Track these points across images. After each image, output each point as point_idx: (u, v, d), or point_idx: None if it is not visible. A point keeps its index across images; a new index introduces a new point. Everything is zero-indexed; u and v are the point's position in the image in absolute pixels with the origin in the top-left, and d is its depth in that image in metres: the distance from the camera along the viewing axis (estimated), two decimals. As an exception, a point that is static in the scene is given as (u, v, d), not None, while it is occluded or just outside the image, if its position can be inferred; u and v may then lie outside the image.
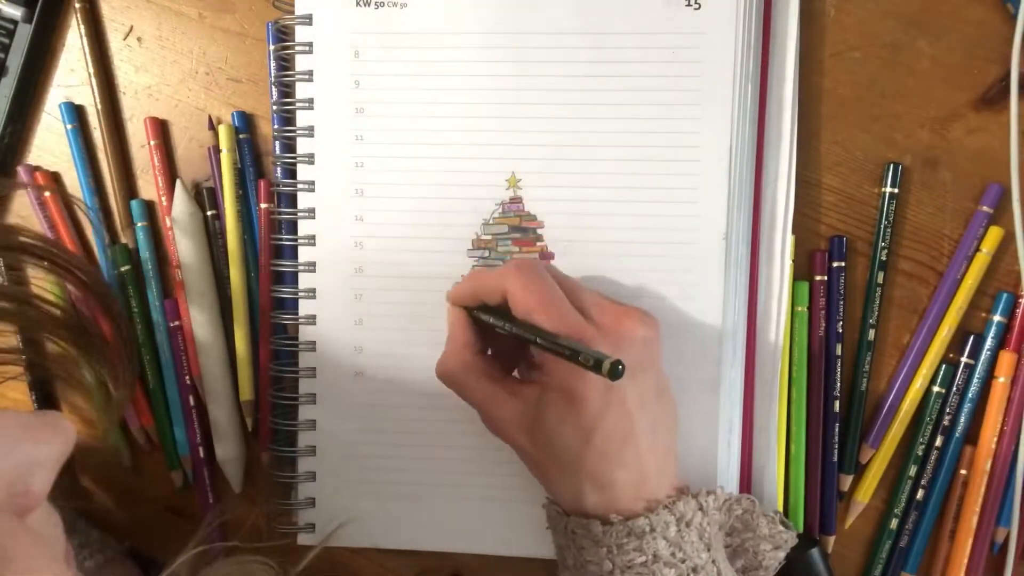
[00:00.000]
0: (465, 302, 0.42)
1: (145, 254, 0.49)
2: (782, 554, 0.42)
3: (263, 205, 0.48)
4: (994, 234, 0.45)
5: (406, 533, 0.48)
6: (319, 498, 0.48)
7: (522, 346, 0.43)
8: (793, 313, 0.46)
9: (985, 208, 0.45)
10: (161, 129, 0.49)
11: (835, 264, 0.46)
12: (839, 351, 0.46)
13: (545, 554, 0.47)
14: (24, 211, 0.50)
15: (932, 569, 0.47)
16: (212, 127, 0.48)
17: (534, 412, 0.39)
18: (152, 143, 0.49)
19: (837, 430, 0.46)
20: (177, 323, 0.49)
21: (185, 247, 0.48)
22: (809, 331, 0.46)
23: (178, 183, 0.48)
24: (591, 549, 0.38)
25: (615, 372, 0.33)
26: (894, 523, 0.46)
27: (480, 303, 0.41)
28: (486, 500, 0.47)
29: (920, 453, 0.46)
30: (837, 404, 0.46)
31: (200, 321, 0.48)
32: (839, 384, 0.46)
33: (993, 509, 0.46)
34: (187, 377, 0.49)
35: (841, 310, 0.46)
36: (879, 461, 0.46)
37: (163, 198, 0.49)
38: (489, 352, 0.43)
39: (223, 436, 0.48)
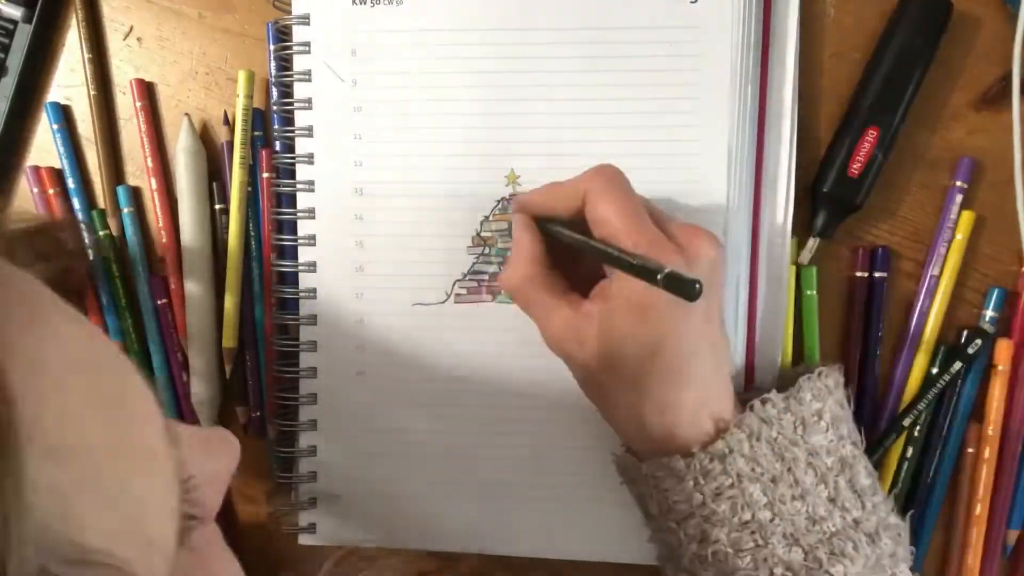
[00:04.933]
0: (536, 211, 0.41)
1: (132, 239, 0.49)
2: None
3: (265, 175, 0.48)
4: (966, 219, 0.45)
5: (406, 533, 0.48)
6: (320, 498, 0.48)
7: (587, 262, 0.42)
8: (803, 299, 0.46)
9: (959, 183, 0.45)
10: (147, 91, 0.49)
11: (876, 275, 0.46)
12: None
13: (546, 554, 0.47)
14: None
15: (944, 572, 0.47)
16: (227, 122, 0.48)
17: (598, 327, 0.38)
18: (138, 104, 0.49)
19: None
20: (164, 301, 0.49)
21: (185, 183, 0.47)
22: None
23: (184, 119, 0.48)
24: (675, 488, 0.38)
25: (693, 292, 0.32)
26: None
27: (550, 213, 0.41)
28: (488, 500, 0.47)
29: (919, 439, 0.46)
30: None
31: (191, 262, 0.48)
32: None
33: (1003, 509, 0.46)
34: (178, 354, 0.49)
35: (882, 324, 0.46)
36: (893, 455, 0.46)
37: (148, 159, 0.49)
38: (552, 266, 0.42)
39: (200, 377, 0.48)
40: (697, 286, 0.32)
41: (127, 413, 0.21)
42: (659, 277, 0.33)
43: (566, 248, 0.40)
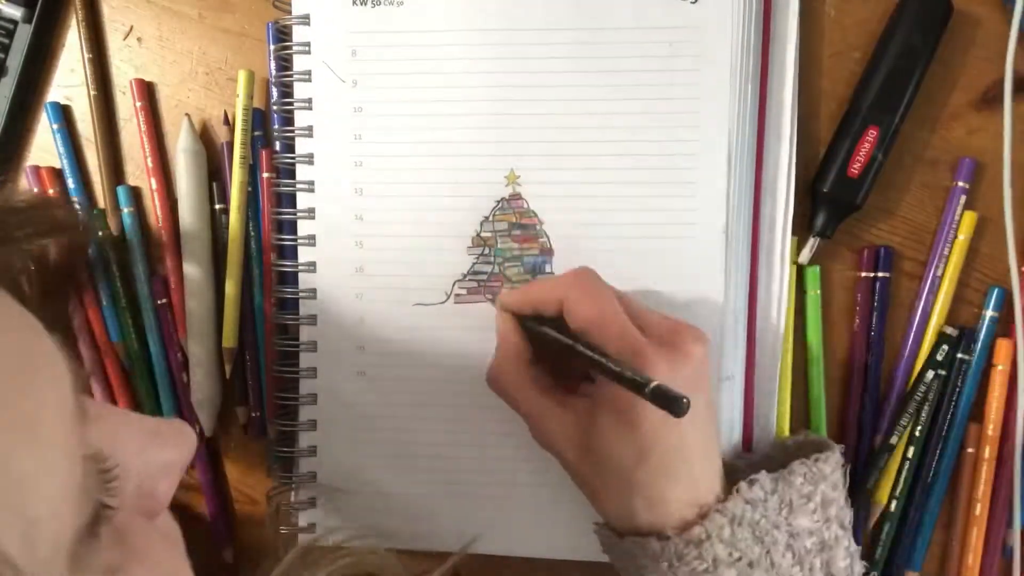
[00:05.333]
0: (518, 309, 0.41)
1: (132, 239, 0.49)
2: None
3: (265, 175, 0.48)
4: (968, 219, 0.45)
5: (406, 533, 0.48)
6: (320, 498, 0.48)
7: (572, 358, 0.42)
8: (806, 298, 0.46)
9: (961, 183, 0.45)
10: (147, 91, 0.49)
11: (880, 274, 0.46)
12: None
13: (546, 554, 0.47)
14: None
15: (944, 572, 0.47)
16: (227, 122, 0.48)
17: (585, 427, 0.38)
18: (138, 104, 0.49)
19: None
20: (164, 301, 0.49)
21: (185, 183, 0.47)
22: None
23: (184, 119, 0.48)
24: (651, 566, 0.38)
25: (680, 409, 0.32)
26: (896, 517, 0.46)
27: (534, 312, 0.41)
28: (487, 500, 0.47)
29: (920, 438, 0.46)
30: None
31: (191, 262, 0.48)
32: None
33: (1003, 510, 0.46)
34: (178, 354, 0.49)
35: (874, 321, 0.46)
36: (894, 459, 0.46)
37: (148, 159, 0.49)
38: (537, 359, 0.42)
39: (200, 377, 0.48)
40: (685, 402, 0.32)
41: (14, 378, 0.19)
42: (647, 391, 0.33)
43: (548, 341, 0.40)
